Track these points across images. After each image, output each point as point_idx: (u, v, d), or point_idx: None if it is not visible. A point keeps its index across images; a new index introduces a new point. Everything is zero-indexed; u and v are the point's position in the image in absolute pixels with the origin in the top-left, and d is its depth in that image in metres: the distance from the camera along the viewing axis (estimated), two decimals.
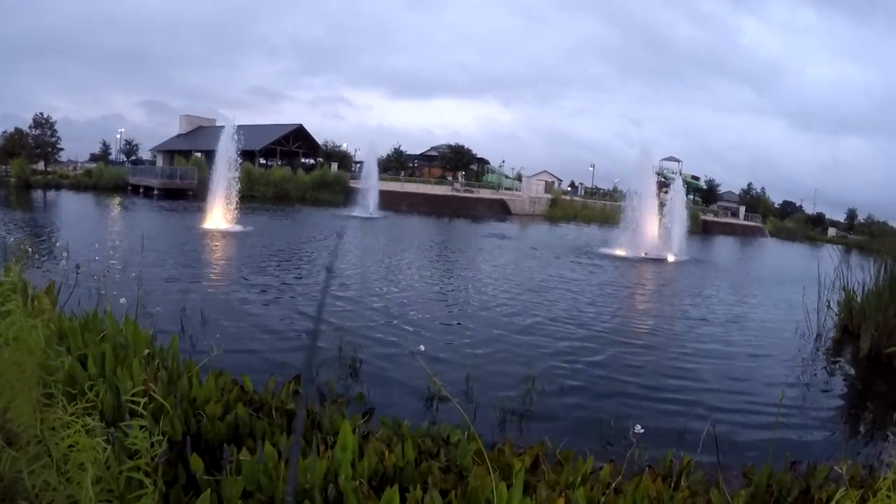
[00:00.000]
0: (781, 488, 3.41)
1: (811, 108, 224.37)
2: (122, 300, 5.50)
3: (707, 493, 3.33)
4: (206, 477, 2.69)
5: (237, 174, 26.53)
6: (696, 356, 9.23)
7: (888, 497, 3.00)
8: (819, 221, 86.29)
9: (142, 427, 2.27)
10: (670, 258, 25.25)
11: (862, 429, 6.92)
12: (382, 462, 2.91)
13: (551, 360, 8.33)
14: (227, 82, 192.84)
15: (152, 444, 3.11)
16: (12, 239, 13.74)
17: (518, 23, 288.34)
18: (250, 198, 44.59)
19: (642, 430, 3.76)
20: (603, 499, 2.94)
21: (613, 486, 3.23)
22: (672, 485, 3.40)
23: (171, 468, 2.92)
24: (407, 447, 3.03)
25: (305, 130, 77.07)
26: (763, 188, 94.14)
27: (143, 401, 2.39)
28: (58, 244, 15.53)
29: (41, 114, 62.47)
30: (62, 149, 65.82)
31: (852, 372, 9.50)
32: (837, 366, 9.80)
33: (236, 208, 25.48)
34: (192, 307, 8.95)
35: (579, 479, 3.24)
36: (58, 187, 47.91)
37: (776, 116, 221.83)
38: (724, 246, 43.30)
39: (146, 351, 4.31)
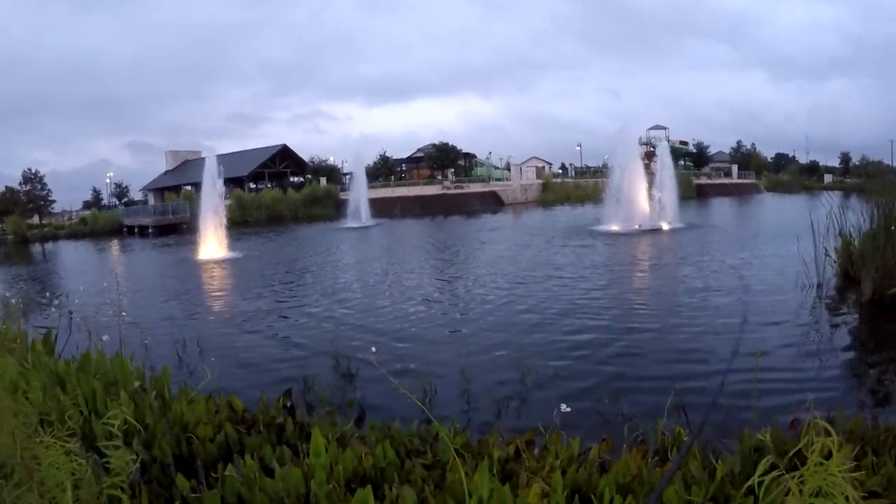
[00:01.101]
0: (777, 449, 3.29)
1: (788, 55, 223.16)
2: (105, 337, 5.59)
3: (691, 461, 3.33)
4: (192, 494, 2.78)
5: (227, 202, 26.55)
6: (697, 317, 9.33)
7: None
8: (814, 170, 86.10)
9: (117, 447, 2.38)
10: (665, 227, 25.26)
11: (869, 374, 6.86)
12: (361, 464, 3.00)
13: (550, 349, 8.38)
14: (204, 114, 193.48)
15: (145, 466, 3.28)
16: (9, 293, 13.84)
17: (480, 12, 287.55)
18: (243, 223, 44.74)
19: (569, 409, 3.76)
20: (585, 478, 3.00)
21: (598, 465, 3.30)
22: (660, 458, 3.46)
23: (164, 490, 3.05)
24: (387, 447, 3.13)
25: (290, 150, 77.16)
26: (753, 144, 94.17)
27: (116, 423, 2.49)
28: (58, 293, 15.61)
29: (29, 169, 62.78)
30: (54, 200, 66.03)
31: (856, 318, 9.45)
32: (841, 314, 9.74)
33: (228, 236, 25.54)
34: (189, 337, 9.05)
35: (566, 461, 3.29)
36: (55, 238, 47.99)
37: (754, 68, 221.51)
38: (720, 207, 43.20)
39: (137, 383, 4.43)
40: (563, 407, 3.72)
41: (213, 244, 24.95)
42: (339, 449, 3.09)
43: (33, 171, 63.01)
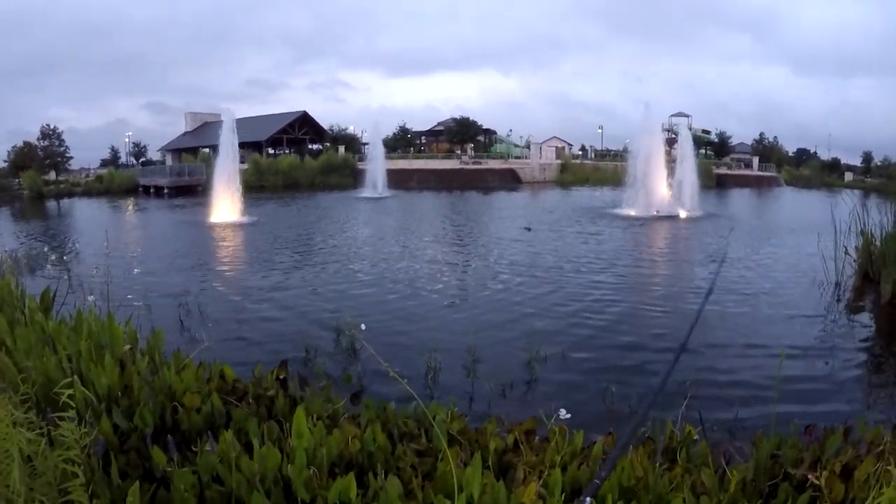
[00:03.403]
0: (790, 458, 3.06)
1: (813, 51, 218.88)
2: (91, 297, 5.40)
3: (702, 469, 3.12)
4: (165, 468, 2.62)
5: (243, 166, 26.46)
6: (709, 313, 9.03)
7: None
8: (835, 167, 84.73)
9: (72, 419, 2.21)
10: (682, 214, 24.94)
11: (887, 379, 6.66)
12: (348, 447, 2.82)
13: (559, 333, 8.26)
14: (223, 77, 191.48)
15: (125, 436, 3.12)
16: (17, 249, 13.81)
17: None
18: (260, 188, 44.68)
19: (569, 416, 3.51)
20: (587, 477, 2.81)
21: (601, 462, 3.10)
22: (669, 459, 3.24)
23: (144, 461, 2.89)
24: (377, 431, 2.94)
25: (310, 117, 76.73)
26: (776, 137, 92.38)
27: (67, 392, 2.31)
28: (66, 251, 15.58)
29: (48, 125, 62.46)
30: (71, 157, 65.85)
31: (874, 320, 9.19)
32: (859, 314, 9.51)
33: (243, 200, 25.48)
34: (192, 301, 8.94)
35: (567, 456, 3.09)
36: (70, 195, 48.09)
37: (779, 63, 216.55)
38: (739, 198, 42.69)
39: (127, 347, 4.27)
40: (563, 413, 3.47)
41: (226, 208, 24.94)
42: (326, 430, 2.89)
43: (52, 126, 62.90)
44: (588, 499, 2.21)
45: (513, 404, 5.59)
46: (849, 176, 77.19)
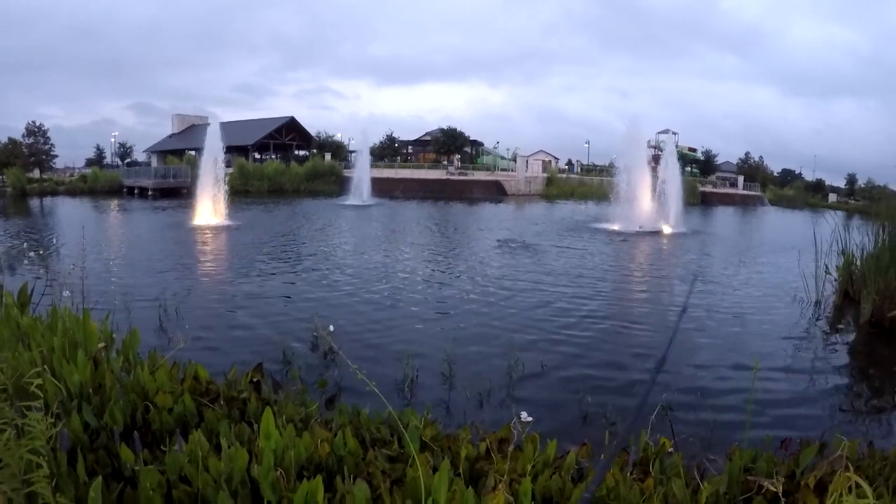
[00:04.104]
0: (764, 472, 3.07)
1: (799, 72, 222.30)
2: (66, 293, 5.32)
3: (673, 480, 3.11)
4: (133, 466, 2.58)
5: (227, 169, 26.33)
6: (690, 330, 9.06)
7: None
8: (819, 188, 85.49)
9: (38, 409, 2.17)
10: (666, 230, 25.08)
11: (864, 397, 6.70)
12: (317, 451, 2.79)
13: (536, 344, 8.25)
14: (211, 81, 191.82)
15: (95, 434, 3.08)
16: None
17: (495, 1, 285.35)
18: (245, 192, 44.51)
19: (531, 419, 3.48)
20: (558, 486, 2.79)
21: (574, 472, 3.09)
22: (643, 470, 3.22)
23: (113, 459, 2.85)
24: (348, 435, 2.92)
25: (297, 122, 76.64)
26: (761, 157, 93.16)
27: (36, 382, 2.27)
28: (48, 249, 15.43)
29: (33, 122, 61.68)
30: (56, 156, 64.95)
31: (854, 338, 9.31)
32: (838, 333, 9.57)
33: (227, 203, 25.40)
34: (170, 302, 8.86)
35: (539, 465, 3.07)
36: (54, 194, 47.59)
37: (765, 82, 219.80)
38: (723, 216, 42.97)
39: (101, 345, 4.22)
40: (524, 416, 3.44)
41: (210, 211, 24.81)
42: (296, 433, 2.87)
43: (37, 124, 62.21)
44: None
45: (487, 412, 5.58)
46: (833, 197, 77.95)
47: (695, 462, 3.39)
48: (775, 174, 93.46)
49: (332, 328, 6.50)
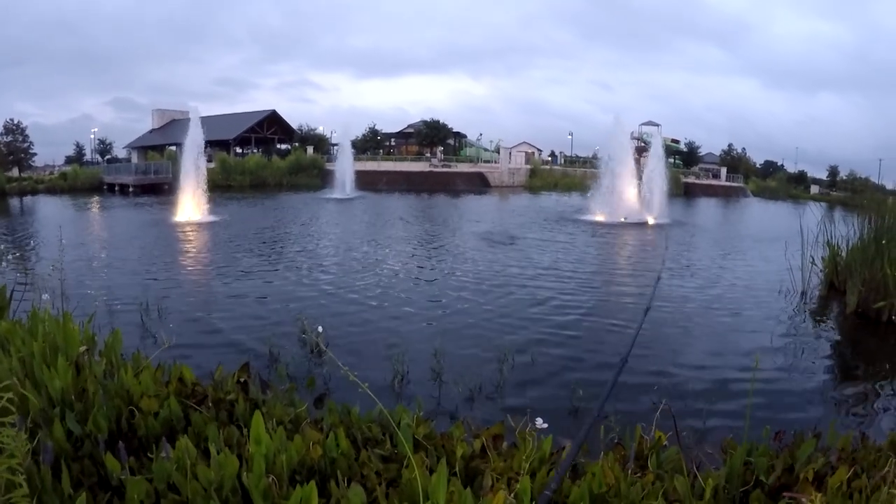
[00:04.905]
0: (762, 465, 3.05)
1: (782, 65, 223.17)
2: (45, 296, 5.19)
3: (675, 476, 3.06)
4: (119, 476, 2.49)
5: (209, 164, 26.07)
6: (675, 321, 9.07)
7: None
8: (801, 179, 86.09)
9: (12, 425, 2.07)
10: (650, 221, 25.17)
11: (853, 388, 6.69)
12: (309, 454, 2.71)
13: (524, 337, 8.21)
14: (192, 75, 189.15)
15: (79, 442, 2.98)
16: None
17: None
18: (227, 187, 44.16)
19: (545, 426, 3.42)
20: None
21: (569, 470, 3.02)
22: (640, 465, 3.18)
23: (99, 468, 2.76)
24: (341, 436, 2.84)
25: (279, 116, 76.02)
26: (744, 148, 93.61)
27: (7, 396, 2.17)
28: (25, 250, 15.21)
29: (11, 120, 60.59)
30: (35, 154, 63.83)
31: (840, 329, 9.35)
32: (824, 323, 9.63)
33: (209, 199, 25.16)
34: (154, 301, 8.72)
35: (536, 462, 3.01)
36: (33, 192, 46.80)
37: (748, 75, 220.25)
38: (706, 207, 43.17)
39: (83, 348, 4.11)
40: (539, 422, 3.38)
41: (192, 206, 24.58)
42: (287, 436, 2.79)
43: (15, 122, 61.15)
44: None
45: (477, 406, 5.54)
46: (815, 189, 78.49)
47: (689, 455, 3.36)
48: (758, 166, 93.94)
49: (321, 329, 6.40)
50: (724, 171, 77.15)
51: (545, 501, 2.18)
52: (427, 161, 65.88)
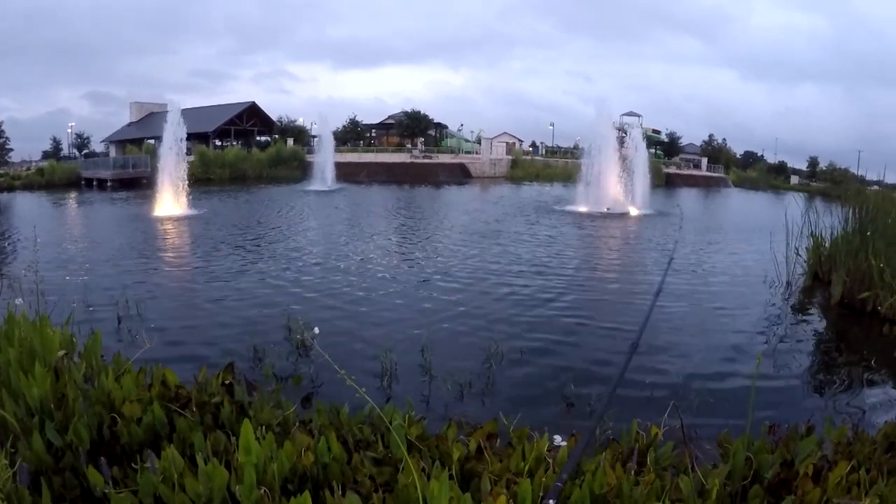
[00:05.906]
0: (765, 462, 2.99)
1: (761, 56, 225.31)
2: (18, 301, 5.02)
3: (677, 473, 2.99)
4: (103, 489, 2.39)
5: (189, 157, 25.77)
6: (661, 312, 9.02)
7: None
8: (781, 170, 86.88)
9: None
10: (633, 212, 25.22)
11: (840, 378, 6.69)
12: (301, 460, 2.62)
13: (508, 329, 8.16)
14: (168, 67, 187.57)
15: (60, 453, 2.86)
16: None
17: None
18: (207, 180, 43.77)
19: (563, 443, 3.34)
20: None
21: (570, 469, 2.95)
22: (637, 463, 3.11)
23: (81, 480, 2.66)
24: (332, 440, 2.75)
25: (258, 108, 75.37)
26: (724, 139, 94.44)
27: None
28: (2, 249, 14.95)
29: None
30: (12, 149, 63.10)
31: (825, 320, 9.38)
32: (809, 314, 9.66)
33: (189, 192, 24.88)
34: (133, 301, 8.56)
35: (532, 462, 2.94)
36: (10, 189, 45.99)
37: (727, 66, 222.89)
38: (688, 197, 43.38)
39: (62, 352, 3.98)
40: (558, 439, 3.30)
41: (171, 201, 24.29)
42: (276, 442, 2.69)
43: None
44: (551, 501, 2.09)
45: (467, 402, 5.48)
46: (795, 179, 79.25)
47: (683, 451, 3.31)
48: (738, 156, 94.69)
49: (317, 330, 6.28)
50: (705, 161, 77.73)
51: (556, 494, 2.12)
52: (408, 152, 65.59)
